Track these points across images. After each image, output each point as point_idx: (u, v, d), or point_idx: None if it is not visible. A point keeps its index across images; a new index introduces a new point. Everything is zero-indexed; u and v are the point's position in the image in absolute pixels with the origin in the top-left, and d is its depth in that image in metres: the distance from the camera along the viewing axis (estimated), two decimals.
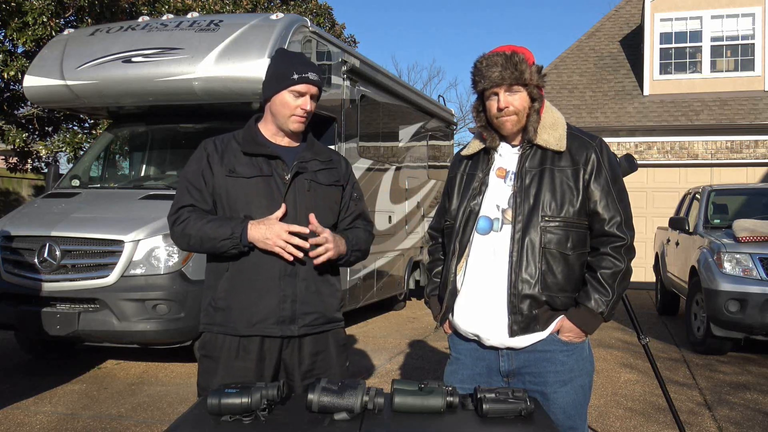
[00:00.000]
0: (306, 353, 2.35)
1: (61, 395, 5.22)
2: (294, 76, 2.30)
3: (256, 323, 2.29)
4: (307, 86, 2.32)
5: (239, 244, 2.25)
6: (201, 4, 12.06)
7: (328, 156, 2.48)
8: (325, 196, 2.40)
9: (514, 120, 2.20)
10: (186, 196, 2.37)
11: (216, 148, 2.39)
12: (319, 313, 2.36)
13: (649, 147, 13.41)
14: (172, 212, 2.38)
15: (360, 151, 7.95)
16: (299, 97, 2.33)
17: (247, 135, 2.41)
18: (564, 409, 2.22)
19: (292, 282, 2.31)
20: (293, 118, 2.34)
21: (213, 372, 2.32)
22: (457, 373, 2.34)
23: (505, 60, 2.15)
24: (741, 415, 4.93)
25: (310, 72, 2.33)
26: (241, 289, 2.32)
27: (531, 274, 2.15)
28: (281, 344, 2.32)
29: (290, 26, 6.20)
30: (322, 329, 2.38)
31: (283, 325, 2.30)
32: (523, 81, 2.16)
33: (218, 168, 2.34)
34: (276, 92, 2.33)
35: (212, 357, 2.34)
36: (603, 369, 6.18)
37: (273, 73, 2.36)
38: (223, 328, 2.33)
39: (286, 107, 2.33)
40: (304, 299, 2.32)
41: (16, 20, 9.68)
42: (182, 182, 2.40)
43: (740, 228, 6.93)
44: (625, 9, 16.09)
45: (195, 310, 5.49)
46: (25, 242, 5.63)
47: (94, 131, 11.38)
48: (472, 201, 2.27)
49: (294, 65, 2.33)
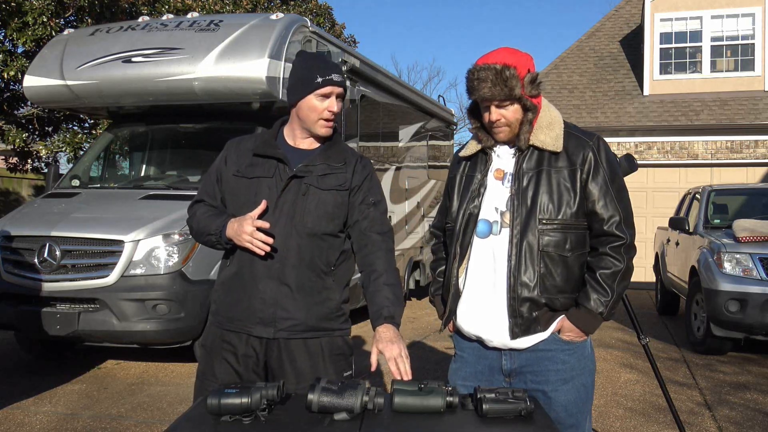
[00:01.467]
0: (292, 357, 2.32)
1: (61, 395, 5.22)
2: (318, 79, 2.30)
3: (237, 320, 2.34)
4: (332, 88, 2.32)
5: (221, 240, 2.32)
6: (201, 4, 12.07)
7: (342, 160, 2.40)
8: (323, 201, 2.34)
9: (506, 131, 2.20)
10: (202, 192, 2.49)
11: (237, 147, 2.45)
12: (297, 320, 2.30)
13: (649, 147, 13.42)
14: (190, 206, 2.51)
15: (360, 151, 7.96)
16: (325, 100, 2.32)
17: (264, 136, 2.44)
18: (566, 407, 2.22)
19: (273, 285, 2.29)
20: (321, 122, 2.34)
21: (207, 362, 2.41)
22: (460, 370, 2.35)
23: (495, 76, 2.11)
24: (741, 415, 4.93)
25: (334, 74, 2.33)
26: (232, 286, 2.37)
27: (530, 278, 2.15)
28: (266, 347, 2.33)
29: (290, 26, 6.20)
30: (304, 336, 2.32)
31: (259, 326, 2.31)
32: (514, 97, 2.13)
33: (231, 166, 2.41)
34: (302, 97, 2.33)
35: (205, 346, 2.46)
36: (603, 369, 6.18)
37: (297, 77, 2.36)
38: (214, 319, 2.43)
39: (313, 111, 2.32)
40: (283, 305, 2.30)
41: (16, 20, 9.68)
42: (204, 177, 2.52)
43: (740, 228, 6.93)
44: (625, 9, 16.09)
45: (195, 310, 5.51)
46: (25, 242, 5.63)
47: (94, 131, 11.38)
48: (471, 204, 2.27)
49: (317, 68, 2.33)
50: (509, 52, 2.18)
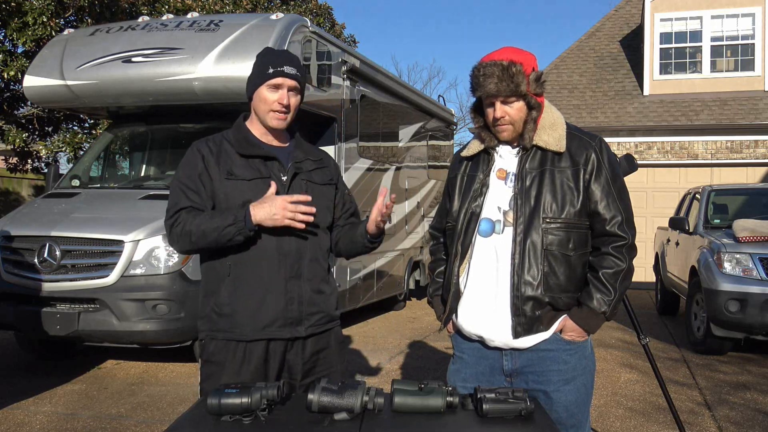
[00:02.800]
0: (309, 352, 2.35)
1: (61, 395, 5.22)
2: (269, 70, 2.28)
3: (264, 327, 2.27)
4: (282, 79, 2.28)
5: (244, 229, 2.18)
6: (201, 4, 12.06)
7: (318, 155, 2.48)
8: (322, 195, 2.39)
9: (510, 129, 2.20)
10: (183, 199, 2.29)
11: (210, 150, 2.34)
12: (323, 312, 2.37)
13: (649, 147, 13.41)
14: (169, 216, 2.30)
15: (360, 151, 7.95)
16: (276, 91, 2.29)
17: (238, 135, 2.37)
18: (567, 408, 2.23)
19: (297, 283, 2.31)
20: (271, 114, 2.30)
21: (218, 377, 2.26)
22: (460, 372, 2.34)
23: (502, 71, 2.12)
24: (741, 415, 4.93)
25: (286, 66, 2.29)
26: (246, 293, 2.28)
27: (533, 276, 2.15)
28: (286, 345, 2.32)
29: (290, 26, 6.20)
30: (325, 328, 2.39)
31: (291, 327, 2.29)
32: (520, 93, 2.14)
33: (215, 171, 2.30)
34: (255, 89, 2.32)
35: (217, 362, 2.29)
36: (603, 369, 6.18)
37: (253, 71, 2.35)
38: (229, 334, 2.28)
39: (264, 102, 2.30)
40: (309, 300, 2.33)
41: (16, 20, 9.68)
42: (177, 186, 2.33)
43: (740, 228, 6.93)
44: (625, 9, 16.09)
45: (195, 310, 5.46)
46: (25, 242, 5.63)
47: (94, 131, 11.38)
48: (473, 203, 2.27)
49: (271, 60, 2.31)
50: (514, 50, 2.19)
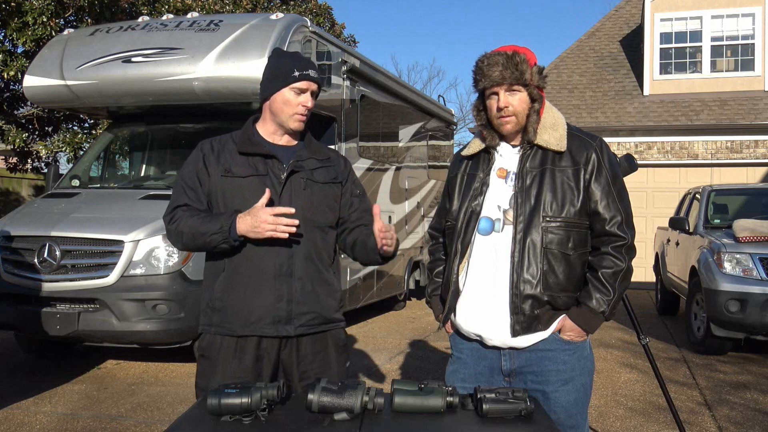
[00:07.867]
0: (304, 353, 2.35)
1: (61, 395, 5.22)
2: (295, 73, 2.31)
3: (252, 323, 2.29)
4: (308, 83, 2.33)
5: (228, 238, 2.23)
6: (201, 4, 12.05)
7: (326, 154, 2.47)
8: (322, 194, 2.39)
9: (513, 121, 2.20)
10: (182, 196, 2.37)
11: (212, 148, 2.39)
12: (315, 313, 2.35)
13: (649, 147, 13.41)
14: (168, 212, 2.38)
15: (360, 151, 7.95)
16: (300, 95, 2.33)
17: (243, 135, 2.41)
18: (565, 408, 2.23)
19: (287, 281, 2.31)
20: (295, 116, 2.34)
21: (211, 372, 2.32)
22: (458, 372, 2.34)
23: (507, 60, 2.15)
24: (741, 415, 4.93)
25: (311, 69, 2.34)
26: (238, 288, 2.32)
27: (533, 275, 2.15)
28: (279, 344, 2.32)
29: (290, 26, 6.20)
30: (320, 329, 2.37)
31: (279, 325, 2.30)
32: (524, 81, 2.16)
33: (214, 168, 2.35)
34: (277, 90, 2.33)
35: (210, 357, 2.34)
36: (603, 369, 6.18)
37: (273, 71, 2.36)
38: (221, 328, 2.33)
39: (288, 105, 2.33)
40: (300, 299, 2.32)
41: (16, 20, 9.68)
42: (179, 183, 2.41)
43: (740, 228, 6.93)
44: (625, 9, 16.09)
45: (195, 310, 5.49)
46: (25, 242, 5.63)
47: (94, 131, 11.37)
48: (473, 201, 2.28)
49: (294, 63, 2.34)
50: (516, 46, 2.22)
